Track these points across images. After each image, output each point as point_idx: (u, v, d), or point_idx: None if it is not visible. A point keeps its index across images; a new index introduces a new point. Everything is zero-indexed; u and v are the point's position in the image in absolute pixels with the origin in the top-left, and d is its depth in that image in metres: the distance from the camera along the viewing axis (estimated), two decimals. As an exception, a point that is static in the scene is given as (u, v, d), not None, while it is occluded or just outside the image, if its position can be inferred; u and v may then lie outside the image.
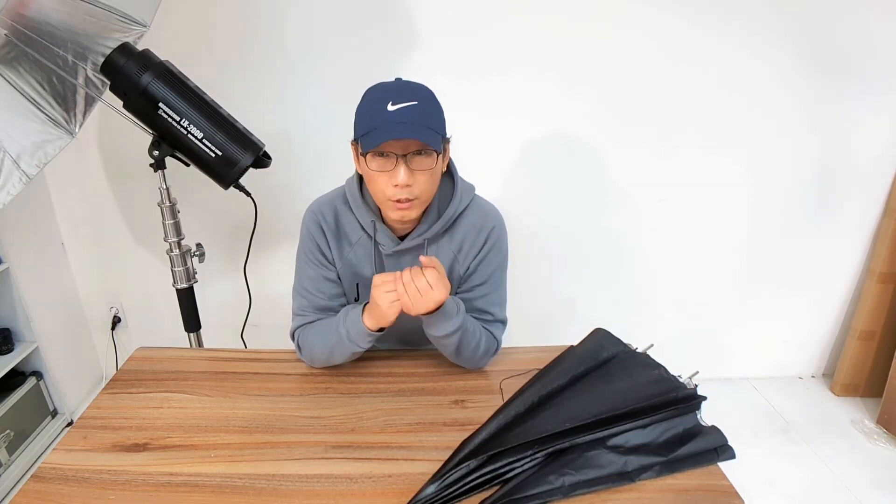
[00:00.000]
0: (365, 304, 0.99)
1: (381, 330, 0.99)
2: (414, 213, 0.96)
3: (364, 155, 0.90)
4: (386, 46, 1.69)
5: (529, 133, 1.82)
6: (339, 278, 1.09)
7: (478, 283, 1.08)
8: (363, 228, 1.04)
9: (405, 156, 0.89)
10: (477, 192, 1.10)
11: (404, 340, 1.20)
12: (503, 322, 1.11)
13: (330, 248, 1.06)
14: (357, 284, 1.09)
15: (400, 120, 0.87)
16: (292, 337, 1.10)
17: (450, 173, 1.07)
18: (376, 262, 1.06)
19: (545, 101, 1.77)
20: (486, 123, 1.77)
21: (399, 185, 0.90)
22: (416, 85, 0.93)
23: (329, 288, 1.08)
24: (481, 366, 1.09)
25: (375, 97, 0.91)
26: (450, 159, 1.05)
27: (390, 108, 0.87)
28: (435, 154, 0.91)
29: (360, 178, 1.04)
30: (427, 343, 1.06)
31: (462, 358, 1.05)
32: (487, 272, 1.07)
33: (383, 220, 1.04)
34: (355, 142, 0.95)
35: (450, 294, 0.98)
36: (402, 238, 1.05)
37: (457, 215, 1.04)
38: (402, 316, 1.06)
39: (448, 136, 0.97)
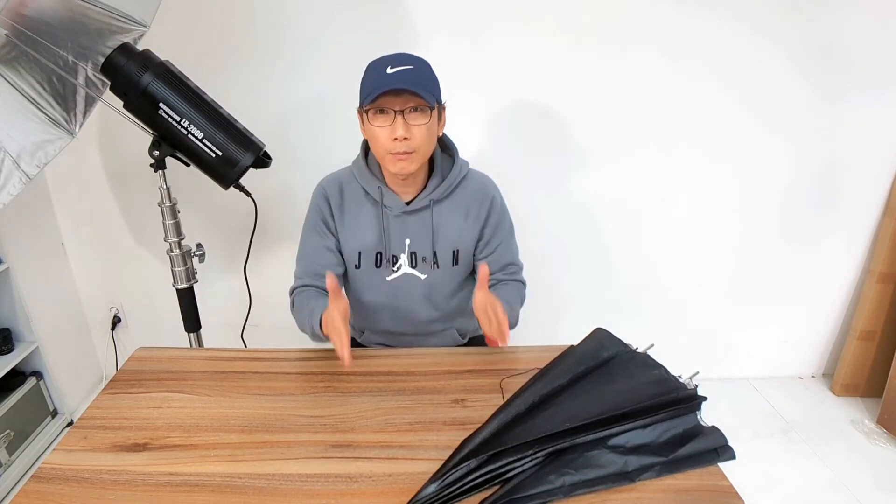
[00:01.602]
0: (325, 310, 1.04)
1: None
2: (412, 167, 1.06)
3: (367, 112, 1.02)
4: (386, 48, 1.68)
5: (528, 133, 1.82)
6: (340, 250, 1.19)
7: (498, 244, 1.21)
8: (368, 195, 1.15)
9: (402, 111, 1.00)
10: None
11: (399, 332, 1.27)
12: (522, 266, 1.28)
13: (333, 218, 1.17)
14: (359, 253, 1.17)
15: (397, 79, 0.98)
16: (290, 294, 1.21)
17: (449, 150, 1.19)
18: (383, 224, 1.15)
19: (543, 100, 1.77)
20: (485, 123, 1.78)
21: (398, 139, 1.01)
22: (413, 56, 1.04)
23: (326, 257, 1.18)
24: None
25: (376, 65, 1.03)
26: (451, 141, 1.19)
27: (389, 70, 0.99)
28: (429, 110, 1.02)
29: (365, 153, 1.17)
30: (418, 342, 1.22)
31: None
32: (502, 233, 1.21)
33: (388, 187, 1.14)
34: (360, 110, 1.06)
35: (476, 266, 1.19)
36: (407, 204, 1.15)
37: (458, 181, 1.16)
38: (396, 316, 1.22)
39: (444, 102, 1.09)
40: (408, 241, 1.15)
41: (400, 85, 0.98)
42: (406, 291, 1.19)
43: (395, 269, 1.16)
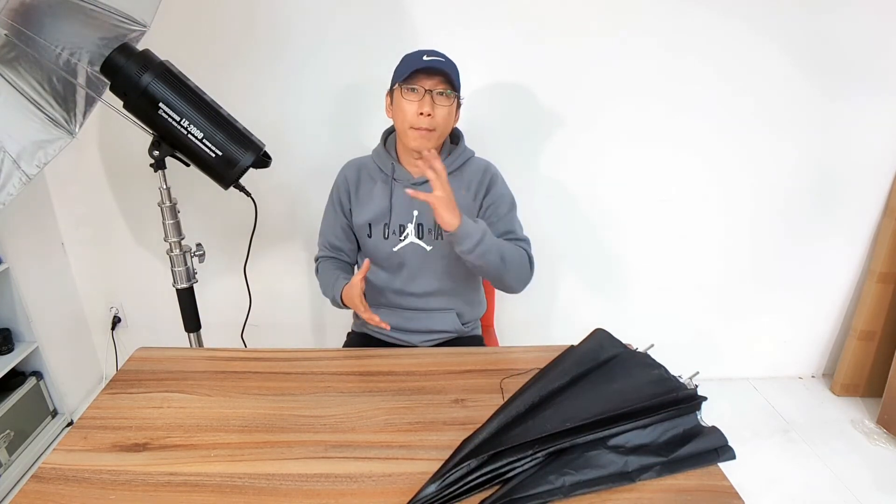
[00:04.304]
0: (345, 284, 1.24)
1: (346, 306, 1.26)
2: (429, 143, 1.19)
3: (401, 88, 1.16)
4: (386, 47, 1.69)
5: (527, 134, 1.82)
6: (352, 227, 1.34)
7: (498, 216, 1.28)
8: (382, 172, 1.29)
9: (431, 91, 1.15)
10: None
11: (403, 306, 1.35)
12: (528, 240, 1.30)
13: (349, 199, 1.32)
14: (370, 224, 1.29)
15: (431, 64, 1.15)
16: (315, 260, 1.42)
17: (457, 138, 1.32)
18: (393, 194, 1.27)
19: (542, 99, 1.77)
20: (483, 121, 1.77)
21: (423, 114, 1.15)
22: (445, 54, 1.20)
23: (339, 232, 1.36)
24: (527, 278, 1.26)
25: (414, 54, 1.19)
26: (459, 131, 1.32)
27: (425, 58, 1.16)
28: (453, 95, 1.17)
29: (384, 140, 1.32)
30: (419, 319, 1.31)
31: (508, 267, 1.19)
32: (502, 205, 1.29)
33: (401, 165, 1.28)
34: (390, 93, 1.23)
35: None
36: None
37: (464, 160, 1.29)
38: (401, 285, 1.32)
39: (462, 99, 1.23)
40: (416, 213, 1.27)
41: (435, 65, 1.14)
42: (411, 261, 1.29)
43: (401, 238, 1.27)
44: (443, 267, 1.30)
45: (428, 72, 1.14)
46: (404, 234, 1.28)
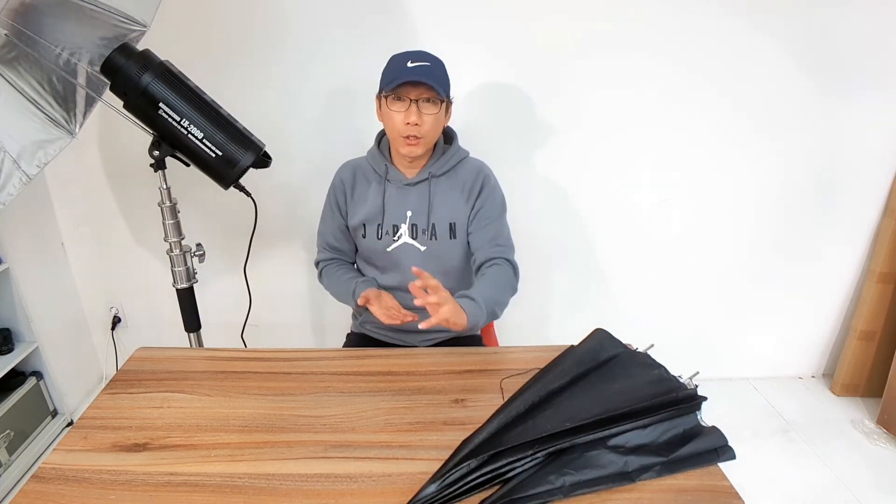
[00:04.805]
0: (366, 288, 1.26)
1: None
2: (419, 150, 1.20)
3: (386, 98, 1.16)
4: (386, 47, 1.68)
5: (524, 133, 1.82)
6: (348, 227, 1.34)
7: (487, 218, 1.28)
8: (376, 173, 1.29)
9: (417, 100, 1.14)
10: None
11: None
12: (511, 246, 1.31)
13: (346, 201, 1.32)
14: (364, 224, 1.30)
15: (416, 73, 1.12)
16: (316, 265, 1.42)
17: (451, 139, 1.31)
18: (385, 195, 1.27)
19: (538, 100, 1.77)
20: (481, 121, 1.77)
21: (410, 123, 1.14)
22: (432, 54, 1.18)
23: (337, 233, 1.36)
24: (515, 289, 1.27)
25: (399, 58, 1.17)
26: (453, 131, 1.32)
27: (409, 64, 1.14)
28: (439, 102, 1.16)
29: (378, 142, 1.31)
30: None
31: (504, 300, 1.22)
32: (492, 207, 1.28)
33: (395, 167, 1.28)
34: (379, 96, 1.20)
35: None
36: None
37: (457, 161, 1.28)
38: (396, 287, 1.32)
39: (451, 98, 1.21)
40: (409, 213, 1.27)
41: (417, 78, 1.12)
42: (406, 263, 1.28)
43: (395, 238, 1.27)
44: (438, 267, 1.29)
45: (413, 81, 1.12)
46: (398, 234, 1.28)
